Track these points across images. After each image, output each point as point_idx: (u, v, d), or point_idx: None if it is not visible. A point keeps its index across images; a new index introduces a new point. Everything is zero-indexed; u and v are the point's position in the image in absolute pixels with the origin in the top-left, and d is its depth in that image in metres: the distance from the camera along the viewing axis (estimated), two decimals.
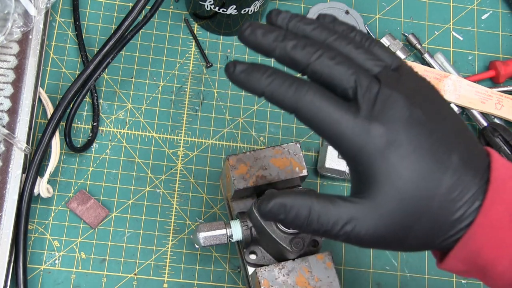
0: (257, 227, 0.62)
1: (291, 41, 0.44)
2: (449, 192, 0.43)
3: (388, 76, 0.44)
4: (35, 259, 0.68)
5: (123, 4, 0.78)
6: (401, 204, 0.43)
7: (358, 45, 0.45)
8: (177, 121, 0.74)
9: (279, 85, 0.43)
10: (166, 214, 0.71)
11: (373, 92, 0.43)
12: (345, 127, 0.43)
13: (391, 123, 0.43)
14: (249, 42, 0.45)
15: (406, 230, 0.44)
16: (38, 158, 0.67)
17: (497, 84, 0.79)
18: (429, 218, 0.43)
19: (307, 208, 0.44)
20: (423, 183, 0.43)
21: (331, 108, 0.43)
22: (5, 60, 0.70)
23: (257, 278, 0.61)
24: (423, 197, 0.43)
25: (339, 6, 0.78)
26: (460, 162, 0.43)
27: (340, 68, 0.43)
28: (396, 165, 0.43)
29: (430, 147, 0.43)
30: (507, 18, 0.82)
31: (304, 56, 0.44)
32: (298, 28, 0.45)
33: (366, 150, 0.43)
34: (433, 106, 0.45)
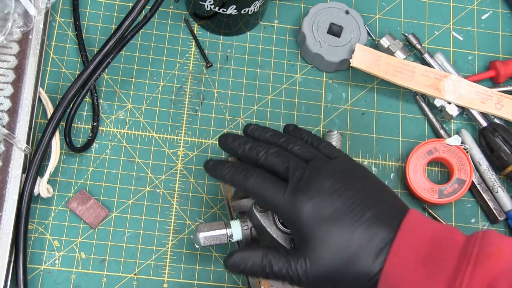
0: (257, 227, 0.62)
1: (248, 144, 0.61)
2: (361, 241, 0.54)
3: (317, 161, 0.59)
4: (35, 259, 0.68)
5: (123, 4, 0.78)
6: (327, 254, 0.55)
7: (300, 143, 0.60)
8: (177, 121, 0.74)
9: (234, 173, 0.60)
10: (166, 214, 0.71)
11: (300, 171, 0.57)
12: (278, 199, 0.57)
13: (313, 193, 0.56)
14: (223, 146, 0.63)
15: (336, 274, 0.55)
16: (38, 158, 0.67)
17: (497, 84, 0.79)
18: (351, 264, 0.54)
19: (260, 257, 0.57)
20: (341, 237, 0.55)
21: (268, 186, 0.58)
22: (5, 60, 0.70)
23: (257, 278, 0.61)
24: (342, 248, 0.54)
25: (339, 6, 0.78)
26: (373, 218, 0.55)
27: (278, 159, 0.59)
28: (318, 225, 0.55)
29: (346, 209, 0.55)
30: (507, 18, 0.82)
31: (255, 154, 0.60)
32: (260, 135, 0.62)
33: (295, 215, 0.56)
34: (354, 180, 0.57)
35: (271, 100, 0.76)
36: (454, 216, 0.74)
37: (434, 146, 0.74)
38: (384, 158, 0.75)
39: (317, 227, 0.55)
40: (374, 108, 0.77)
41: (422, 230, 0.55)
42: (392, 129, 0.76)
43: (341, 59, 0.75)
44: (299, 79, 0.77)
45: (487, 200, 0.73)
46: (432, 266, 0.53)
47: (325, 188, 0.56)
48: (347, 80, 0.78)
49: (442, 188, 0.72)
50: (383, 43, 0.77)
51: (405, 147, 0.76)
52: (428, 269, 0.53)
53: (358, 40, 0.76)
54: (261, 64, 0.77)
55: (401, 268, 0.53)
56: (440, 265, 0.53)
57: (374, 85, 0.78)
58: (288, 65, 0.78)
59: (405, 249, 0.53)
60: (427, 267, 0.53)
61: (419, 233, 0.54)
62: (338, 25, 0.77)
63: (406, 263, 0.53)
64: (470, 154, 0.75)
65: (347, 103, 0.77)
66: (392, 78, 0.75)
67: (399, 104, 0.77)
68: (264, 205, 0.59)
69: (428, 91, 0.75)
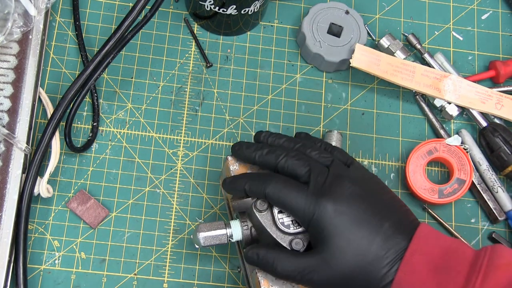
0: (257, 227, 0.62)
1: (265, 149, 0.61)
2: (379, 250, 0.56)
3: (337, 166, 0.60)
4: (35, 259, 0.68)
5: (123, 4, 0.78)
6: (344, 258, 0.56)
7: (317, 148, 0.61)
8: (177, 121, 0.74)
9: (252, 181, 0.60)
10: (166, 214, 0.71)
11: (323, 175, 0.58)
12: (299, 202, 0.57)
13: (336, 197, 0.57)
14: (238, 155, 0.63)
15: (349, 279, 0.56)
16: (38, 158, 0.67)
17: (497, 84, 0.79)
18: (365, 270, 0.56)
19: (272, 259, 0.58)
20: (360, 243, 0.56)
21: (289, 190, 0.58)
22: (5, 60, 0.70)
23: (257, 278, 0.61)
24: (360, 253, 0.56)
25: (339, 6, 0.78)
26: (391, 228, 0.56)
27: (299, 162, 0.59)
28: (340, 229, 0.56)
29: (367, 216, 0.57)
30: (507, 18, 0.82)
31: (274, 158, 0.60)
32: (274, 141, 0.63)
33: (317, 218, 0.57)
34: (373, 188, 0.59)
35: (271, 100, 0.76)
36: (454, 216, 0.74)
37: (434, 146, 0.74)
38: (384, 158, 0.75)
39: (338, 232, 0.56)
40: (374, 108, 0.77)
41: (433, 242, 0.56)
42: (392, 129, 0.76)
43: (341, 59, 0.75)
44: (299, 79, 0.77)
45: (487, 200, 0.73)
46: (443, 277, 0.55)
47: (347, 194, 0.57)
48: (347, 80, 0.78)
49: (442, 188, 0.72)
50: (383, 43, 0.77)
51: (405, 147, 0.76)
52: (439, 279, 0.55)
53: (358, 40, 0.76)
54: (261, 64, 0.77)
55: (412, 277, 0.55)
56: (451, 276, 0.55)
57: (374, 85, 0.78)
58: (288, 65, 0.78)
59: (417, 259, 0.55)
60: (438, 277, 0.55)
61: (430, 245, 0.56)
62: (338, 25, 0.77)
63: (417, 273, 0.55)
64: (470, 154, 0.75)
65: (347, 103, 0.77)
66: (392, 78, 0.75)
67: (399, 104, 0.77)
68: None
69: (428, 91, 0.75)
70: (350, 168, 0.61)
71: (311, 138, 0.65)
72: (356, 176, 0.60)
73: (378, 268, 0.56)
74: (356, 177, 0.59)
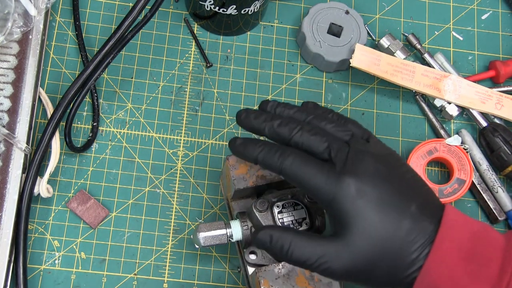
0: (257, 227, 0.62)
1: (277, 120, 0.55)
2: (407, 235, 0.51)
3: (357, 142, 0.55)
4: (35, 259, 0.68)
5: (123, 4, 0.78)
6: (368, 243, 0.51)
7: (332, 121, 0.56)
8: (177, 121, 0.74)
9: (267, 152, 0.54)
10: (166, 214, 0.71)
11: (344, 152, 0.53)
12: (320, 181, 0.52)
13: (359, 176, 0.52)
14: (244, 124, 0.57)
15: (372, 266, 0.51)
16: (38, 158, 0.67)
17: (497, 84, 0.79)
18: (391, 257, 0.51)
19: (288, 242, 0.52)
20: (386, 227, 0.51)
21: (308, 167, 0.53)
22: (5, 60, 0.70)
23: (257, 278, 0.61)
24: (386, 238, 0.51)
25: (339, 6, 0.78)
26: (417, 210, 0.52)
27: (316, 137, 0.54)
28: (364, 210, 0.51)
29: (392, 197, 0.52)
30: (507, 18, 0.82)
31: (287, 131, 0.54)
32: (283, 112, 0.57)
33: (339, 198, 0.52)
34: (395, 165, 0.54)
35: (271, 100, 0.76)
36: None
37: (434, 146, 0.74)
38: None
39: (362, 214, 0.51)
40: (374, 108, 0.77)
41: (462, 226, 0.52)
42: (392, 129, 0.76)
43: (341, 59, 0.75)
44: (299, 79, 0.77)
45: (487, 200, 0.73)
46: (475, 265, 0.51)
47: (370, 173, 0.52)
48: (347, 80, 0.78)
49: (442, 188, 0.72)
50: (383, 43, 0.77)
51: (405, 147, 0.76)
52: (471, 267, 0.51)
53: (358, 40, 0.76)
54: (261, 64, 0.77)
55: (443, 265, 0.50)
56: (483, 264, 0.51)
57: (374, 85, 0.78)
58: (288, 65, 0.78)
59: (447, 246, 0.51)
60: (470, 265, 0.51)
61: (459, 230, 0.52)
62: (338, 25, 0.77)
63: (448, 261, 0.51)
64: (470, 154, 0.75)
65: (347, 103, 0.77)
66: (392, 78, 0.75)
67: (399, 104, 0.77)
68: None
69: (428, 91, 0.75)
70: (370, 143, 0.55)
71: (321, 109, 0.59)
72: (378, 151, 0.54)
73: (407, 253, 0.51)
74: (378, 152, 0.54)
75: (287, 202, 0.62)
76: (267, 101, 0.59)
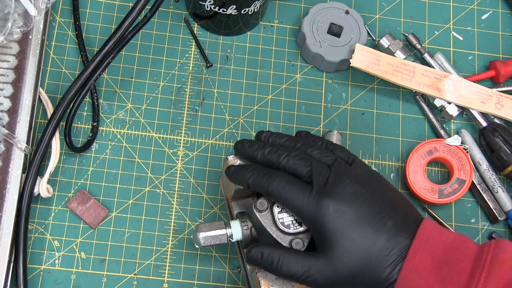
0: (257, 227, 0.62)
1: (267, 148, 0.61)
2: (383, 249, 0.56)
3: (339, 165, 0.60)
4: (35, 259, 0.68)
5: (123, 4, 0.78)
6: (347, 258, 0.56)
7: (318, 147, 0.61)
8: (177, 121, 0.74)
9: (256, 176, 0.60)
10: (166, 214, 0.71)
11: (325, 175, 0.58)
12: (302, 201, 0.58)
13: (338, 197, 0.57)
14: (240, 152, 0.63)
15: (353, 279, 0.56)
16: (38, 158, 0.67)
17: (497, 84, 0.79)
18: (370, 270, 0.56)
19: (277, 258, 0.58)
20: (363, 243, 0.56)
21: (292, 189, 0.58)
22: (5, 60, 0.70)
23: (257, 278, 0.61)
24: (364, 253, 0.56)
25: (339, 6, 0.78)
26: (394, 227, 0.56)
27: (300, 162, 0.59)
28: (342, 228, 0.56)
29: (369, 215, 0.56)
30: (507, 18, 0.82)
31: (276, 157, 0.60)
32: (275, 141, 0.63)
33: (319, 217, 0.57)
34: (375, 186, 0.59)
35: (271, 100, 0.76)
36: (454, 216, 0.74)
37: (434, 146, 0.74)
38: (384, 158, 0.75)
39: (341, 232, 0.56)
40: (374, 108, 0.77)
41: (436, 238, 0.56)
42: (392, 129, 0.76)
43: (341, 59, 0.75)
44: (299, 79, 0.77)
45: (487, 200, 0.73)
46: (447, 273, 0.55)
47: (349, 193, 0.57)
48: (347, 80, 0.78)
49: (442, 188, 0.72)
50: (383, 43, 0.77)
51: (405, 147, 0.76)
52: (443, 275, 0.55)
53: (358, 40, 0.76)
54: (261, 64, 0.77)
55: (416, 274, 0.55)
56: (454, 272, 0.55)
57: (374, 85, 0.78)
58: (288, 65, 0.78)
59: (420, 256, 0.55)
60: (441, 273, 0.55)
61: (433, 241, 0.56)
62: (338, 25, 0.77)
63: (421, 270, 0.55)
64: (470, 154, 0.75)
65: (347, 103, 0.77)
66: (392, 78, 0.75)
67: (399, 104, 0.77)
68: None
69: (428, 91, 0.75)
70: (352, 166, 0.60)
71: (312, 137, 0.64)
72: (358, 174, 0.59)
73: (382, 267, 0.55)
74: (357, 175, 0.59)
75: None
76: (262, 131, 0.64)
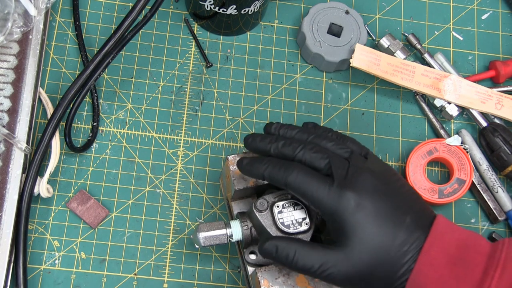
0: (257, 227, 0.62)
1: (281, 141, 0.59)
2: (402, 245, 0.55)
3: (356, 159, 0.59)
4: (35, 259, 0.68)
5: (123, 4, 0.78)
6: (366, 253, 0.55)
7: (332, 139, 0.60)
8: (177, 121, 0.74)
9: (273, 168, 0.58)
10: (166, 214, 0.71)
11: (344, 168, 0.57)
12: (322, 194, 0.56)
13: (359, 191, 0.56)
14: (251, 146, 0.61)
15: (370, 274, 0.56)
16: (38, 158, 0.67)
17: (497, 84, 0.79)
18: (387, 265, 0.55)
19: (293, 251, 0.57)
20: (383, 237, 0.55)
21: (312, 181, 0.57)
22: (5, 60, 0.70)
23: (257, 278, 0.61)
24: (382, 248, 0.55)
25: (339, 6, 0.78)
26: (412, 222, 0.56)
27: (317, 155, 0.58)
28: (362, 223, 0.56)
29: (388, 210, 0.56)
30: (507, 18, 0.82)
31: (291, 150, 0.59)
32: (286, 133, 0.61)
33: (340, 211, 0.56)
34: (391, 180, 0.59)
35: (271, 100, 0.76)
36: (454, 216, 0.74)
37: (434, 146, 0.74)
38: (384, 158, 0.75)
39: (361, 226, 0.56)
40: (374, 108, 0.77)
41: (450, 234, 0.56)
42: (392, 129, 0.76)
43: (341, 59, 0.75)
44: (299, 79, 0.77)
45: (487, 200, 0.73)
46: (461, 269, 0.55)
47: (369, 187, 0.57)
48: (347, 80, 0.78)
49: (442, 188, 0.72)
50: (383, 43, 0.77)
51: (405, 147, 0.76)
52: (456, 271, 0.55)
53: (358, 40, 0.76)
54: (261, 64, 0.77)
55: (430, 270, 0.55)
56: (468, 268, 0.55)
57: (374, 85, 0.78)
58: (288, 65, 0.78)
59: (434, 252, 0.55)
60: (455, 269, 0.55)
61: (447, 237, 0.56)
62: (338, 25, 0.77)
63: (435, 265, 0.55)
64: (470, 154, 0.75)
65: (347, 103, 0.77)
66: (392, 78, 0.75)
67: (399, 104, 0.77)
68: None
69: (428, 91, 0.75)
70: (368, 159, 0.60)
71: (321, 128, 0.63)
72: (376, 168, 0.59)
73: (400, 263, 0.55)
74: (375, 169, 0.58)
75: (287, 202, 0.62)
76: (271, 123, 0.62)
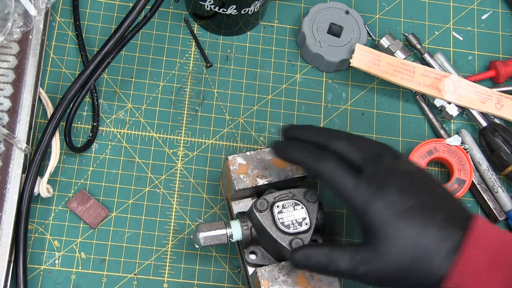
0: (257, 227, 0.62)
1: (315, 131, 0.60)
2: (433, 241, 0.55)
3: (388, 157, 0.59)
4: (35, 259, 0.68)
5: (123, 4, 0.78)
6: (398, 251, 0.55)
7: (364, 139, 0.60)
8: (177, 121, 0.74)
9: (307, 153, 0.59)
10: (166, 214, 0.71)
11: (376, 166, 0.58)
12: (351, 189, 0.57)
13: (390, 189, 0.56)
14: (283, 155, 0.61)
15: (404, 273, 0.55)
16: (38, 158, 0.67)
17: (497, 84, 0.79)
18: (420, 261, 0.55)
19: (325, 256, 0.57)
20: (414, 235, 0.55)
21: (343, 173, 0.57)
22: (5, 60, 0.70)
23: (257, 278, 0.61)
24: (415, 246, 0.55)
25: (339, 6, 0.78)
26: (444, 219, 0.55)
27: (351, 148, 0.59)
28: (393, 221, 0.55)
29: (418, 208, 0.56)
30: (507, 18, 0.82)
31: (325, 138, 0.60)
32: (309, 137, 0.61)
33: (371, 209, 0.56)
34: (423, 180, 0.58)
35: (271, 100, 0.76)
36: None
37: (434, 146, 0.74)
38: None
39: (390, 223, 0.55)
40: (374, 108, 0.77)
41: (491, 236, 0.55)
42: (392, 129, 0.76)
43: (341, 59, 0.75)
44: (299, 79, 0.77)
45: (487, 200, 0.73)
46: (504, 274, 0.54)
47: (398, 186, 0.57)
48: (347, 80, 0.78)
49: None
50: (383, 43, 0.77)
51: (405, 147, 0.76)
52: (499, 276, 0.53)
53: (358, 40, 0.76)
54: (261, 64, 0.77)
55: (470, 271, 0.54)
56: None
57: (374, 85, 0.78)
58: (288, 65, 0.78)
59: (475, 252, 0.54)
60: (497, 274, 0.54)
61: (488, 239, 0.55)
62: (338, 25, 0.77)
63: (475, 267, 0.54)
64: (470, 154, 0.75)
65: (347, 103, 0.77)
66: (392, 78, 0.75)
67: (399, 104, 0.77)
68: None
69: (428, 91, 0.75)
70: (400, 159, 0.60)
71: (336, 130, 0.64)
72: (406, 168, 0.59)
73: (434, 260, 0.54)
74: (406, 169, 0.59)
75: (287, 202, 0.62)
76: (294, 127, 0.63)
